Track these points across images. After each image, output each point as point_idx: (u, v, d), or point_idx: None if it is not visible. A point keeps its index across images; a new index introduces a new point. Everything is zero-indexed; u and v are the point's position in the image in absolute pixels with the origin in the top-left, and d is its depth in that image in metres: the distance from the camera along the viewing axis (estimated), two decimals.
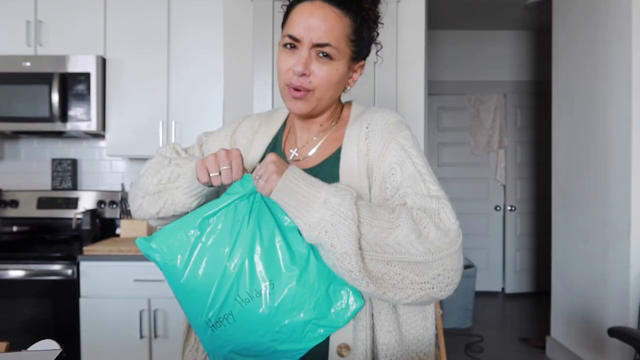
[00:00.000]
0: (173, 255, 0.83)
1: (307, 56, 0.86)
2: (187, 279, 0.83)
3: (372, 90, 2.50)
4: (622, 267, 2.51)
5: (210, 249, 0.82)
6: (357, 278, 0.74)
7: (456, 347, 3.43)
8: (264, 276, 0.81)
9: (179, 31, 2.55)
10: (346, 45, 0.88)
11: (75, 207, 2.77)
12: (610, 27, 2.62)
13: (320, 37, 0.85)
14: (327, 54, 0.86)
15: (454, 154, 4.87)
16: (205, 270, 0.82)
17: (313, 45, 0.86)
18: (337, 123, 0.99)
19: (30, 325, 2.26)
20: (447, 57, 4.78)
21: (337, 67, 0.88)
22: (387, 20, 2.65)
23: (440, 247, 0.77)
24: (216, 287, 0.81)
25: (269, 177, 0.79)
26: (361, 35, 0.90)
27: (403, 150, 0.88)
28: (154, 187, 0.94)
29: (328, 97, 0.92)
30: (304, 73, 0.86)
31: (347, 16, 0.88)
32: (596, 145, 2.76)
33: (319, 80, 0.88)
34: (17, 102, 2.45)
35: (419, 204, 0.81)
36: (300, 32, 0.86)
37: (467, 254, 4.65)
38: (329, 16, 0.86)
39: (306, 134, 0.99)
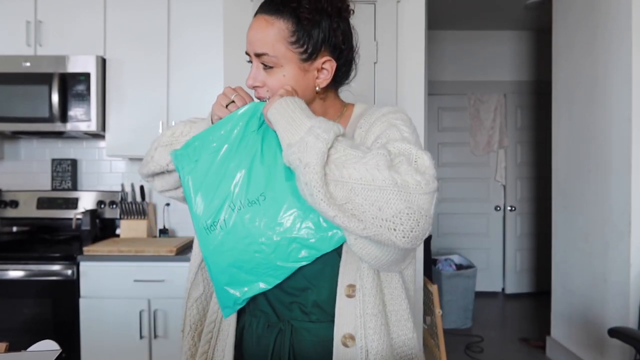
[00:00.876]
0: (197, 156, 0.89)
1: (256, 69, 0.90)
2: (202, 180, 0.88)
3: (372, 90, 2.50)
4: (622, 267, 2.50)
5: (223, 156, 0.87)
6: (318, 199, 0.73)
7: (456, 347, 3.43)
8: (258, 187, 0.85)
9: (179, 31, 2.55)
10: (286, 49, 0.87)
11: (75, 208, 2.77)
12: (610, 26, 2.62)
13: (257, 47, 0.88)
14: (266, 63, 0.88)
15: (454, 154, 4.87)
16: (213, 174, 0.87)
17: (255, 55, 0.89)
18: (340, 122, 1.00)
19: (30, 325, 2.26)
20: (447, 57, 4.78)
21: (283, 72, 0.88)
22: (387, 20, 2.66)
23: (409, 183, 0.72)
24: (217, 191, 0.86)
25: (273, 98, 0.84)
26: (302, 34, 0.87)
27: (389, 123, 0.87)
28: (167, 138, 0.99)
29: None
30: (255, 85, 0.91)
31: (280, 20, 0.87)
32: (596, 145, 2.76)
33: (271, 87, 0.90)
34: (17, 102, 2.45)
35: (399, 148, 0.79)
36: (247, 47, 0.91)
37: (467, 254, 4.65)
38: (262, 25, 0.87)
39: None
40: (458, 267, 4.11)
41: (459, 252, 4.61)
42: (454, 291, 3.89)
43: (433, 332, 2.37)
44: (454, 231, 4.81)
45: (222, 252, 0.87)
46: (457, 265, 4.13)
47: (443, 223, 4.83)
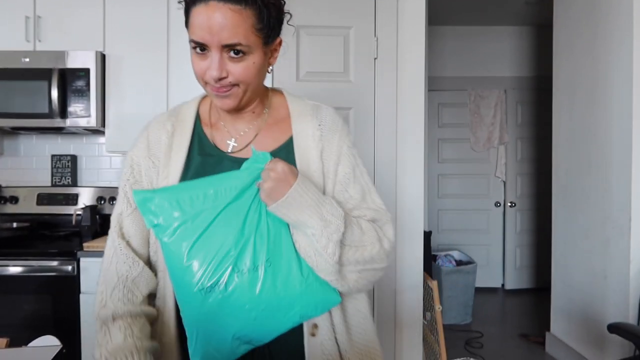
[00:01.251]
0: (175, 212, 0.84)
1: (219, 59, 0.85)
2: (180, 240, 0.84)
3: (372, 86, 2.50)
4: (623, 263, 2.51)
5: (220, 215, 0.84)
6: (336, 284, 0.88)
7: (456, 343, 3.44)
8: (264, 254, 0.84)
9: (178, 26, 2.54)
10: (255, 36, 0.86)
11: (75, 203, 2.77)
12: (611, 22, 2.61)
13: (227, 37, 0.83)
14: (239, 51, 0.85)
15: (454, 150, 4.86)
16: (212, 234, 0.84)
17: (222, 47, 0.84)
18: (270, 110, 1.01)
19: (31, 321, 2.26)
20: (447, 52, 4.77)
21: (252, 60, 0.87)
22: (387, 16, 2.65)
23: (389, 255, 0.94)
24: (217, 253, 0.83)
25: (270, 194, 0.84)
26: (266, 19, 0.86)
27: (353, 161, 0.98)
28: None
29: (254, 87, 0.92)
30: (222, 77, 0.86)
31: (247, 8, 0.83)
32: (597, 141, 2.75)
33: (238, 77, 0.87)
34: (16, 98, 2.45)
35: (370, 216, 0.94)
36: (204, 36, 0.84)
37: (467, 250, 4.66)
38: (228, 15, 0.82)
39: (240, 123, 0.99)
40: (458, 263, 4.11)
41: (458, 248, 4.61)
42: (453, 287, 3.89)
43: (433, 328, 2.38)
44: (454, 227, 4.81)
45: (217, 316, 0.84)
46: (457, 261, 4.14)
47: (443, 219, 4.84)
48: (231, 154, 0.97)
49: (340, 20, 2.50)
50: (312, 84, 2.45)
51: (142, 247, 0.97)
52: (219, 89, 0.88)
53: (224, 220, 0.84)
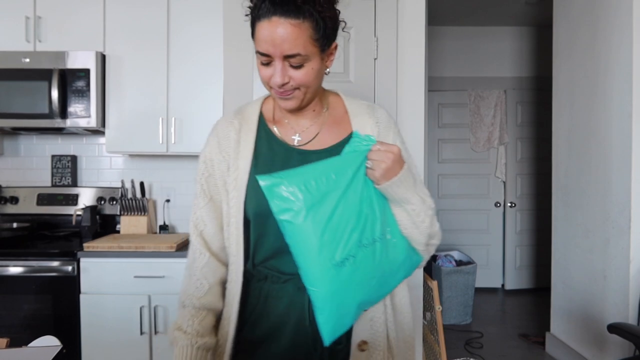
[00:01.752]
0: (305, 194, 0.90)
1: (282, 67, 0.94)
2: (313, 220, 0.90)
3: (372, 86, 2.50)
4: (622, 263, 2.51)
5: (343, 195, 0.92)
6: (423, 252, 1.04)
7: (456, 343, 3.44)
8: (379, 225, 0.94)
9: (178, 27, 2.54)
10: (313, 46, 0.94)
11: (75, 204, 2.77)
12: (611, 22, 2.62)
13: (288, 49, 0.92)
14: (299, 60, 0.94)
15: (454, 150, 4.87)
16: (338, 213, 0.91)
17: (284, 57, 0.93)
18: (328, 109, 1.10)
19: (31, 321, 2.26)
20: (447, 53, 4.77)
21: (311, 66, 0.96)
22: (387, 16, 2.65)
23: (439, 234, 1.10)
24: (346, 230, 0.91)
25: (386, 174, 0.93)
26: (322, 30, 0.95)
27: (406, 155, 1.04)
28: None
29: (313, 89, 1.01)
30: (284, 82, 0.96)
31: (305, 22, 0.92)
32: (597, 141, 2.75)
33: (300, 82, 0.96)
34: (16, 98, 2.45)
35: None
36: (268, 49, 0.93)
37: (467, 250, 4.66)
38: (289, 29, 0.91)
39: (303, 121, 1.08)
40: (458, 263, 4.11)
41: (458, 248, 4.62)
42: (453, 287, 3.89)
43: (433, 328, 2.38)
44: (454, 227, 4.81)
45: (348, 287, 0.92)
46: (457, 262, 4.14)
47: (443, 219, 4.83)
48: (298, 147, 1.06)
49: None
50: None
51: (216, 235, 1.08)
52: (282, 92, 0.98)
53: (345, 199, 0.92)
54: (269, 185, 0.90)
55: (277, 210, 0.90)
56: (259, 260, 1.04)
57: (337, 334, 0.94)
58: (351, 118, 1.08)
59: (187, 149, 2.56)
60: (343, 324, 0.95)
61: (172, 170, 2.89)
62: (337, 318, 0.93)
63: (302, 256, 0.92)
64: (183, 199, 2.87)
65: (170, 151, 2.56)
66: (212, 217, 1.07)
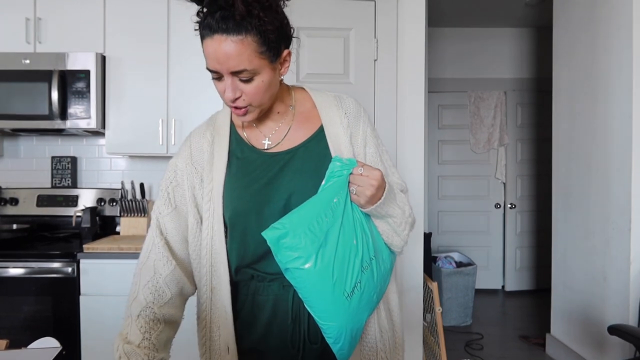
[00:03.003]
0: (310, 240, 0.91)
1: (232, 82, 0.95)
2: (323, 261, 0.91)
3: (372, 88, 2.50)
4: (623, 264, 2.50)
5: (337, 229, 0.94)
6: (400, 249, 1.07)
7: (456, 345, 3.43)
8: (372, 247, 0.98)
9: (178, 27, 2.54)
10: (259, 59, 0.93)
11: (75, 205, 2.77)
12: (611, 23, 2.62)
13: (234, 65, 0.92)
14: (245, 76, 0.94)
15: (454, 151, 4.87)
16: (341, 246, 0.93)
17: (231, 73, 0.93)
18: (295, 107, 1.10)
19: (31, 323, 2.26)
20: (447, 54, 4.77)
21: (261, 79, 0.95)
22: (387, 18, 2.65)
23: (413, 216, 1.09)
24: (349, 260, 0.93)
25: (371, 199, 0.94)
26: (268, 42, 0.93)
27: (376, 146, 1.12)
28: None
29: (267, 100, 1.01)
30: (236, 97, 0.96)
31: (247, 36, 0.90)
32: (597, 142, 2.75)
33: (251, 97, 0.96)
34: (16, 99, 2.45)
35: (401, 187, 1.12)
36: (215, 65, 0.94)
37: (467, 251, 4.66)
38: (231, 46, 0.90)
39: (270, 124, 1.09)
40: (458, 264, 4.11)
41: (459, 249, 4.61)
42: (454, 289, 3.89)
43: (433, 330, 2.38)
44: (454, 229, 4.81)
45: (358, 311, 0.96)
46: (457, 263, 4.13)
47: (443, 220, 4.83)
48: (267, 151, 1.06)
49: (340, 22, 2.50)
50: (312, 85, 2.45)
51: (180, 244, 1.07)
52: (236, 108, 0.98)
53: (343, 231, 0.94)
54: (275, 239, 0.90)
55: (286, 261, 0.91)
56: (244, 264, 1.03)
57: (350, 353, 1.00)
58: (319, 111, 1.09)
59: None
60: (354, 343, 1.00)
61: None
62: (350, 342, 0.97)
63: (314, 297, 0.93)
64: None
65: (171, 152, 2.56)
66: (176, 225, 1.06)
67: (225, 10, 0.90)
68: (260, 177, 1.03)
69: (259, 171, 1.03)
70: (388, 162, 1.13)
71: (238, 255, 1.03)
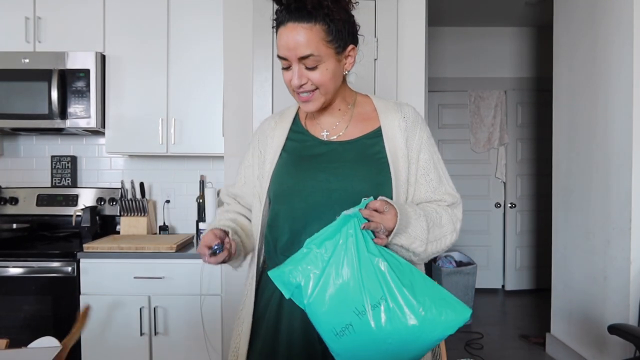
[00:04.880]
0: (306, 276, 0.97)
1: (298, 70, 1.05)
2: (317, 296, 0.96)
3: (372, 87, 2.50)
4: (623, 264, 2.50)
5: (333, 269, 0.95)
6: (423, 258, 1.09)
7: (456, 344, 3.43)
8: (376, 292, 0.93)
9: (178, 26, 2.54)
10: (326, 47, 1.04)
11: (75, 204, 2.77)
12: (612, 23, 2.61)
13: (302, 51, 1.02)
14: (313, 61, 1.03)
15: (455, 151, 4.86)
16: (335, 285, 0.95)
17: (299, 59, 1.03)
18: (355, 106, 1.18)
19: (31, 322, 2.26)
20: (447, 53, 4.77)
21: (325, 67, 1.05)
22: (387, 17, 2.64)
23: (458, 231, 1.14)
24: (343, 301, 0.94)
25: (383, 220, 0.98)
26: (336, 32, 1.04)
27: (431, 153, 1.15)
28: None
29: (331, 90, 1.09)
30: (302, 83, 1.06)
31: (316, 24, 1.02)
32: (597, 142, 2.75)
33: (317, 82, 1.06)
34: (16, 99, 2.45)
35: (448, 201, 1.15)
36: (285, 53, 1.04)
37: (468, 251, 4.65)
38: (301, 32, 1.02)
39: (330, 119, 1.18)
40: (458, 264, 4.11)
41: (459, 249, 4.61)
42: (454, 288, 3.89)
43: None
44: None
45: (357, 351, 0.95)
46: (457, 262, 4.13)
47: None
48: (325, 139, 1.16)
49: None
50: None
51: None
52: (302, 95, 1.08)
53: (337, 272, 0.95)
54: (277, 275, 0.98)
55: (288, 295, 0.98)
56: (280, 245, 1.11)
57: None
58: (379, 114, 1.16)
59: (187, 149, 2.56)
60: None
61: (172, 170, 2.88)
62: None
63: (314, 322, 0.98)
64: (183, 200, 2.87)
65: (170, 152, 2.56)
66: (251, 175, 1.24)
67: (299, 1, 1.01)
68: (310, 158, 1.13)
69: (311, 153, 1.14)
70: (442, 171, 1.16)
71: (272, 229, 1.13)
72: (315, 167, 1.10)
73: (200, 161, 2.87)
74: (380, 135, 1.13)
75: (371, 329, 0.92)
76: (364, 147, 1.12)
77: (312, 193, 1.07)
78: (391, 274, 0.94)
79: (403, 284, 0.94)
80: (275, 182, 1.13)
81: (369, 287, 0.93)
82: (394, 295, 0.93)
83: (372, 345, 0.93)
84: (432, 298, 0.95)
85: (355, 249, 0.94)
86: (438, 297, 0.96)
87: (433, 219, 1.08)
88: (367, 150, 1.11)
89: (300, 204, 1.07)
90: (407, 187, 1.11)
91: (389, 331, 0.92)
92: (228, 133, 2.37)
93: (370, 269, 0.94)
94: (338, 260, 0.94)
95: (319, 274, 0.95)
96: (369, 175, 1.07)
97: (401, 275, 0.95)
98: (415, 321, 0.92)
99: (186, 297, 2.29)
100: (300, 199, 1.07)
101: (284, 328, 1.07)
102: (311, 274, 0.96)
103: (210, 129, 2.53)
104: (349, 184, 1.05)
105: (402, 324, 0.92)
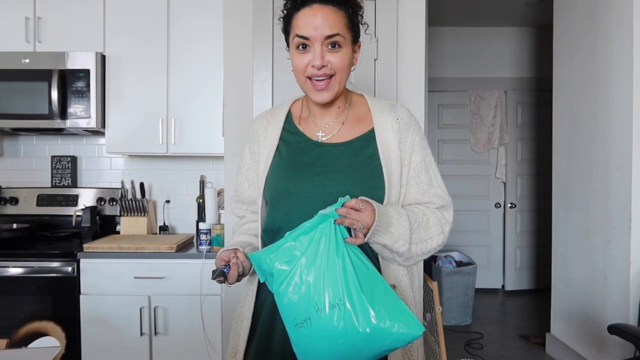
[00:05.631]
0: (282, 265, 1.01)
1: (321, 50, 1.05)
2: (284, 288, 0.99)
3: (372, 87, 2.50)
4: (623, 264, 2.50)
5: (302, 264, 0.98)
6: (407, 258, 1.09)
7: (456, 344, 3.43)
8: (337, 293, 0.95)
9: (178, 26, 2.54)
10: (348, 32, 1.07)
11: (75, 204, 2.77)
12: (612, 23, 2.62)
13: (329, 30, 1.04)
14: (336, 42, 1.05)
15: (455, 151, 4.86)
16: (299, 281, 0.98)
17: (325, 38, 1.04)
18: (351, 106, 1.19)
19: (31, 322, 2.26)
20: (447, 53, 4.77)
21: (346, 52, 1.07)
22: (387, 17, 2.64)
23: (446, 234, 1.15)
24: (305, 296, 0.97)
25: (360, 217, 0.98)
26: (354, 21, 1.10)
27: (423, 155, 1.16)
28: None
29: (345, 79, 1.12)
30: (323, 65, 1.05)
31: (341, 9, 1.06)
32: (597, 142, 2.75)
33: (336, 66, 1.07)
34: (16, 99, 2.45)
35: (438, 204, 1.15)
36: (309, 32, 1.04)
37: (468, 251, 4.65)
38: (329, 13, 1.04)
39: (327, 117, 1.18)
40: (458, 264, 4.11)
41: (459, 249, 4.61)
42: (454, 288, 3.89)
43: (433, 329, 2.37)
44: (454, 228, 4.65)
45: (313, 344, 0.98)
46: (457, 262, 4.13)
47: None
48: (320, 141, 1.15)
49: None
50: None
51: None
52: (318, 83, 1.08)
53: (310, 266, 0.97)
54: (255, 259, 1.03)
55: (262, 279, 1.04)
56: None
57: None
58: (373, 115, 1.16)
59: (187, 149, 2.56)
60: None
61: (172, 171, 2.89)
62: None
63: (281, 314, 1.02)
64: (183, 200, 2.87)
65: (170, 152, 2.56)
66: (253, 176, 1.25)
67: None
68: (305, 161, 1.13)
69: (306, 156, 1.13)
70: (434, 174, 1.17)
71: (269, 228, 1.14)
72: (311, 170, 1.11)
73: (200, 161, 2.87)
74: (373, 136, 1.14)
75: (326, 326, 0.94)
76: (358, 149, 1.12)
77: (308, 197, 1.08)
78: (353, 278, 0.95)
79: (363, 290, 0.95)
80: (270, 184, 1.14)
81: (331, 287, 0.95)
82: (352, 299, 0.94)
83: (326, 341, 0.96)
84: (389, 309, 0.95)
85: (326, 249, 0.96)
86: (395, 309, 0.96)
87: (418, 220, 1.09)
88: (361, 152, 1.12)
89: (297, 208, 1.08)
90: (399, 188, 1.12)
91: (341, 332, 0.94)
92: (228, 133, 2.37)
93: (335, 270, 0.95)
94: (308, 257, 0.97)
95: (290, 267, 0.98)
96: (363, 179, 1.08)
97: (364, 282, 0.96)
98: (367, 328, 0.93)
99: (186, 297, 2.29)
100: (297, 202, 1.08)
101: (279, 325, 1.08)
102: (283, 264, 0.99)
103: (210, 129, 2.54)
104: (343, 188, 1.06)
105: (354, 328, 0.93)
